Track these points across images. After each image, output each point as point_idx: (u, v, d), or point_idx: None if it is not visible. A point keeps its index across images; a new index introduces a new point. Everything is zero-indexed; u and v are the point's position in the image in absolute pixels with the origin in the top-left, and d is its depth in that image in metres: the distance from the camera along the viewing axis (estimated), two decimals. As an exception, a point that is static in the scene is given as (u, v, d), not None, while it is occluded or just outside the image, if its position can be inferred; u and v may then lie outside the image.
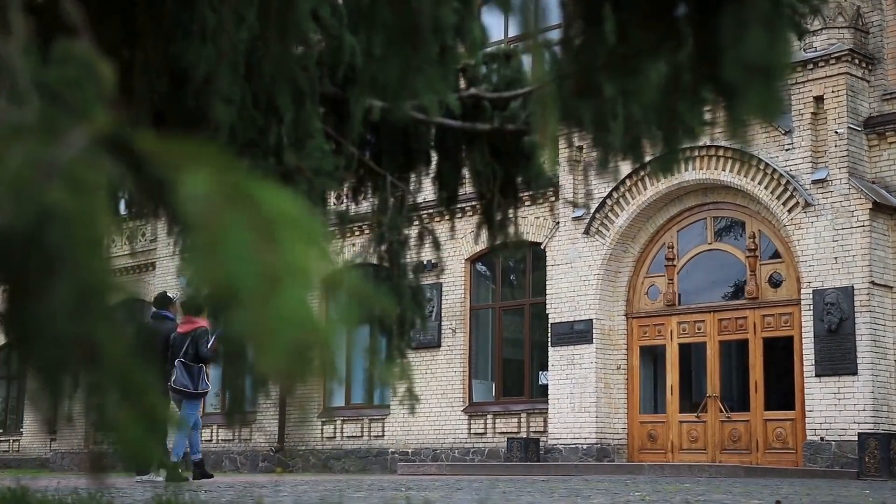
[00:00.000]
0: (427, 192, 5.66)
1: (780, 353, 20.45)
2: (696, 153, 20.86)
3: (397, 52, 2.13)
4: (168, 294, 15.43)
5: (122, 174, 1.09)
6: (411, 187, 5.02)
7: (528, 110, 4.54)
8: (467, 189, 19.50)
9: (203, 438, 28.57)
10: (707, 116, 4.14)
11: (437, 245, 4.97)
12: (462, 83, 4.93)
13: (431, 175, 5.17)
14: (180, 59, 3.12)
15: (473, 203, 23.88)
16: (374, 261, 4.43)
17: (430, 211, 25.07)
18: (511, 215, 4.99)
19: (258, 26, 2.69)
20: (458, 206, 20.99)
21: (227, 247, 1.02)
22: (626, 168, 21.55)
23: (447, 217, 23.14)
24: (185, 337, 14.20)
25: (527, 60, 5.12)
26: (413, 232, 4.91)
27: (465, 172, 5.19)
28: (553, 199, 23.28)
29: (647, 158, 3.41)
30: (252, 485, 11.93)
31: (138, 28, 3.06)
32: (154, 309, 15.01)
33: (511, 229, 4.97)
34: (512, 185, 4.90)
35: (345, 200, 5.01)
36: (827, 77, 19.38)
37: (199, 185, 1.01)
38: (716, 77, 1.97)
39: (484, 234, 4.95)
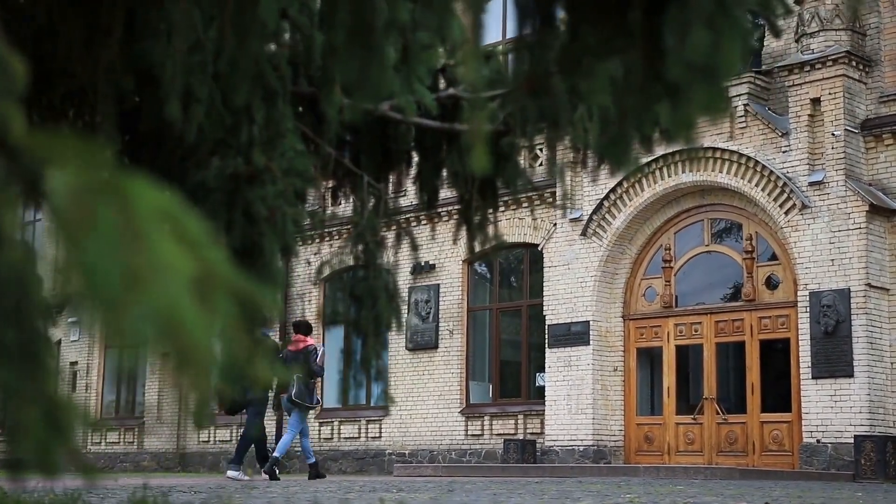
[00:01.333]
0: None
1: (777, 355, 20.43)
2: (693, 155, 20.85)
3: (351, 51, 2.12)
4: (307, 321, 17.15)
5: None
6: (392, 188, 5.00)
7: (464, 112, 4.52)
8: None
9: (201, 439, 28.68)
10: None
11: (414, 247, 4.94)
12: (442, 83, 4.91)
13: (412, 176, 5.15)
14: (144, 58, 3.11)
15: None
16: (351, 261, 4.41)
17: (419, 214, 25.17)
18: (490, 216, 4.97)
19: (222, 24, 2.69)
20: (457, 207, 20.82)
21: (90, 243, 1.01)
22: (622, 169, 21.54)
23: (446, 219, 23.19)
24: (297, 354, 15.86)
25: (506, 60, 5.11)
26: (391, 233, 4.88)
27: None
28: (550, 200, 23.27)
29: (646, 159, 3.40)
30: (222, 486, 11.90)
31: (103, 26, 3.05)
32: (294, 333, 16.63)
33: (490, 231, 4.94)
34: (491, 187, 4.88)
35: (327, 201, 5.00)
36: (824, 79, 19.36)
37: (66, 179, 1.00)
38: (662, 77, 1.96)
39: (463, 236, 4.93)
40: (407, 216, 25.17)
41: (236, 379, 1.40)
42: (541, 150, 23.78)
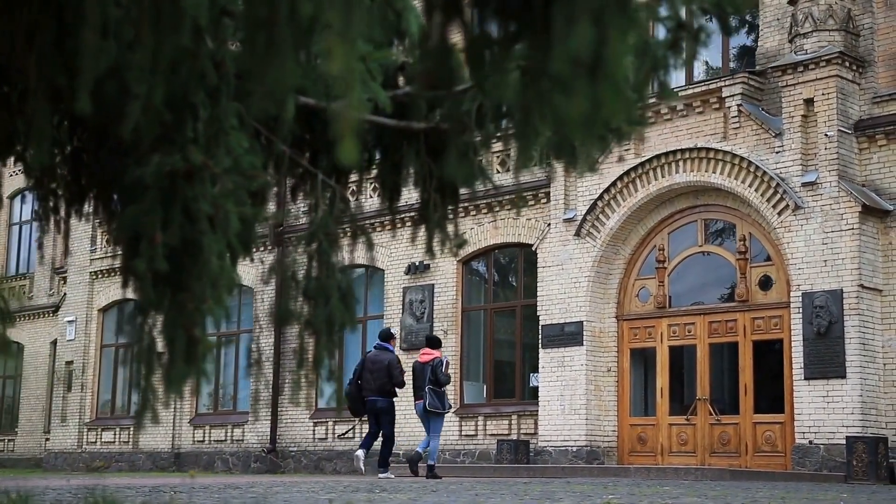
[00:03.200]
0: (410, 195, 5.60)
1: (770, 355, 20.39)
2: (687, 155, 20.85)
3: (252, 46, 2.10)
4: (390, 330, 19.07)
5: None
6: (352, 187, 4.97)
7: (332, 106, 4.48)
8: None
9: (196, 439, 28.69)
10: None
11: (370, 245, 4.91)
12: (402, 81, 4.89)
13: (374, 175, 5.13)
14: (77, 54, 3.09)
15: (466, 205, 23.94)
16: (305, 260, 4.39)
17: (414, 214, 25.11)
18: (450, 215, 4.94)
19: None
20: (450, 207, 20.75)
21: None
22: (616, 170, 21.56)
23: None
24: (426, 367, 17.69)
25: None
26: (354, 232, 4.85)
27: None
28: (545, 201, 23.26)
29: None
30: (160, 487, 11.80)
31: (36, 21, 3.03)
32: (378, 341, 18.27)
33: (451, 229, 4.91)
34: (450, 185, 4.85)
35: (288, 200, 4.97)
36: (817, 80, 19.32)
37: None
38: (547, 72, 1.93)
39: (422, 235, 4.90)
40: (402, 216, 25.19)
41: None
42: (536, 149, 23.74)
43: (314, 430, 26.64)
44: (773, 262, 20.32)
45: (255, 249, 4.63)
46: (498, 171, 24.40)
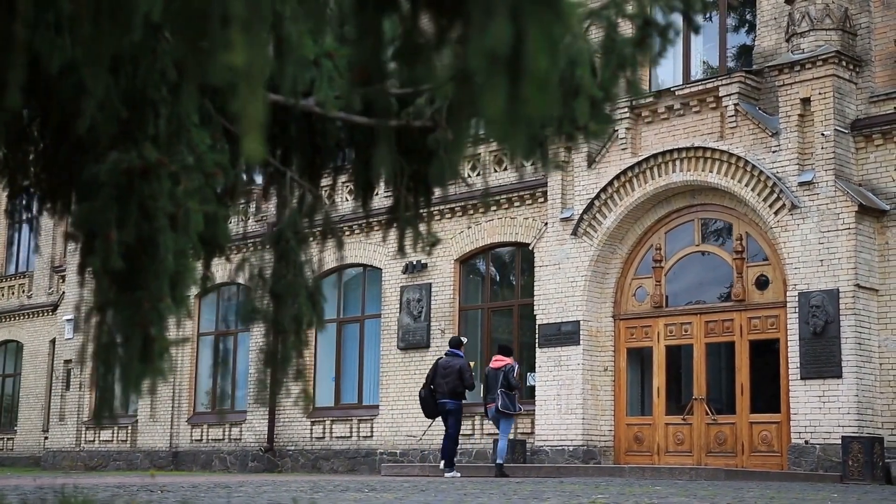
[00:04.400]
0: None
1: (767, 355, 20.35)
2: (684, 154, 20.82)
3: (183, 42, 2.07)
4: (460, 338, 20.10)
5: None
6: (324, 185, 4.94)
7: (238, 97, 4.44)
8: (457, 189, 19.48)
9: (194, 438, 28.68)
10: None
11: (339, 245, 4.89)
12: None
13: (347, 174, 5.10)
14: (34, 50, 3.07)
15: (462, 204, 23.93)
16: (272, 258, 4.37)
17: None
18: (422, 213, 4.91)
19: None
20: (449, 206, 20.92)
21: None
22: (613, 169, 21.52)
23: (438, 218, 23.14)
24: (498, 372, 18.66)
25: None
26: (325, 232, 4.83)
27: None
28: (542, 200, 23.23)
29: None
30: (126, 486, 11.78)
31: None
32: (449, 348, 19.52)
33: (422, 227, 4.89)
34: (422, 183, 4.82)
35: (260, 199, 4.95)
36: (814, 79, 19.28)
37: None
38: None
39: (393, 233, 4.87)
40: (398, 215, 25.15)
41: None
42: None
43: (311, 430, 26.62)
44: (769, 262, 20.28)
45: (230, 247, 4.59)
46: (495, 170, 24.39)
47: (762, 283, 20.39)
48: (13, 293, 37.25)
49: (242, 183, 4.68)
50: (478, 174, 24.58)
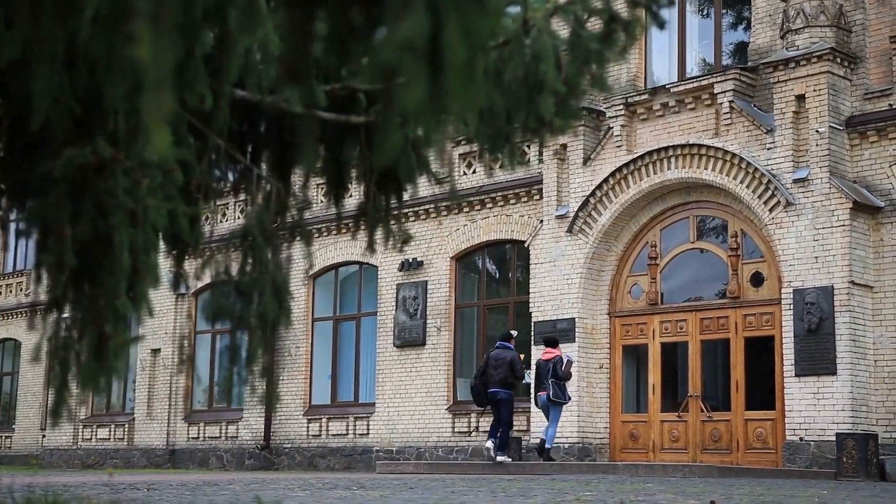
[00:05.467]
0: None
1: (762, 352, 20.32)
2: (679, 152, 20.79)
3: (102, 37, 2.06)
4: (510, 331, 20.70)
5: None
6: (295, 182, 4.92)
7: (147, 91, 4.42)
8: (453, 186, 19.30)
9: (191, 435, 28.68)
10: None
11: (307, 241, 4.87)
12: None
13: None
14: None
15: (460, 201, 23.91)
16: (239, 255, 4.35)
17: (407, 211, 25.15)
18: (393, 210, 4.89)
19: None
20: (445, 204, 20.86)
21: None
22: (608, 166, 21.50)
23: (434, 215, 23.17)
24: (548, 363, 19.56)
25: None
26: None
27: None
28: (537, 197, 23.21)
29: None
30: (86, 483, 11.71)
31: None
32: (499, 341, 20.27)
33: (393, 224, 4.87)
34: (391, 179, 4.80)
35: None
36: (809, 76, 19.25)
37: None
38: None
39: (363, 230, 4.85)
40: (396, 212, 25.12)
41: None
42: (528, 146, 23.74)
43: (308, 427, 26.62)
44: (764, 259, 20.25)
45: (200, 245, 4.57)
46: (491, 168, 24.37)
47: (757, 280, 20.36)
48: (10, 291, 37.25)
49: (213, 180, 4.65)
50: (474, 171, 24.56)
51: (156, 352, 29.61)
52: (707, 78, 20.70)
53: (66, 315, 3.55)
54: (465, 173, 24.65)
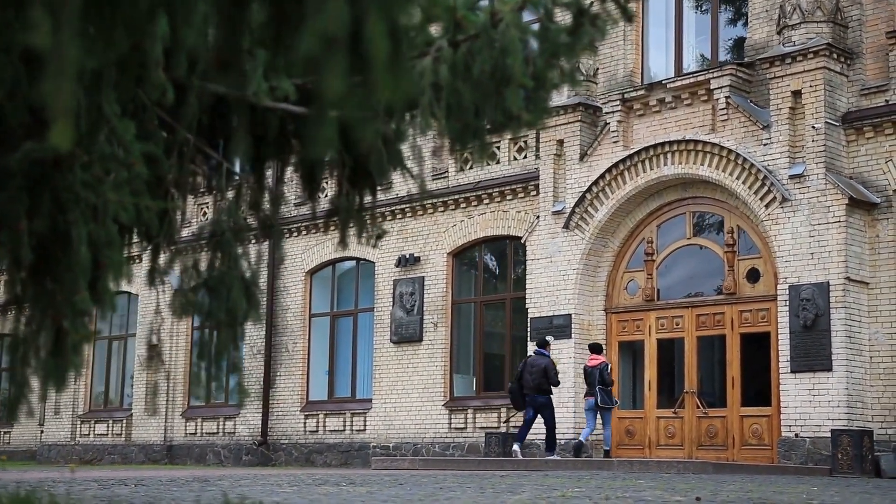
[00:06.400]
0: (400, 188, 5.50)
1: (758, 348, 20.29)
2: (675, 148, 20.76)
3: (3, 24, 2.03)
4: (546, 338, 20.81)
5: None
6: (269, 177, 4.88)
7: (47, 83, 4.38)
8: (450, 183, 19.44)
9: (188, 431, 28.66)
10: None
11: (278, 237, 4.84)
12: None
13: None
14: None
15: (457, 197, 23.88)
16: (209, 250, 4.32)
17: (405, 206, 25.12)
18: (367, 205, 4.85)
19: None
20: (442, 199, 20.80)
21: None
22: (605, 162, 21.47)
23: (431, 211, 23.12)
24: (594, 370, 19.84)
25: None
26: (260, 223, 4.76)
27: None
28: (534, 193, 23.19)
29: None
30: (53, 479, 11.70)
31: None
32: (536, 347, 20.60)
33: (367, 220, 4.83)
34: (364, 174, 4.76)
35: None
36: (805, 71, 19.21)
37: None
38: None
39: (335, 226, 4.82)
40: (393, 208, 25.14)
41: None
42: (525, 142, 23.71)
43: (305, 423, 26.62)
44: (760, 255, 20.22)
45: (177, 241, 4.55)
46: (488, 163, 24.35)
47: (753, 277, 20.33)
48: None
49: (185, 175, 4.61)
50: (470, 167, 24.53)
51: (153, 347, 29.59)
52: (703, 73, 20.66)
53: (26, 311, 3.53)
54: (461, 169, 24.62)
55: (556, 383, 20.16)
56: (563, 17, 4.26)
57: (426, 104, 3.94)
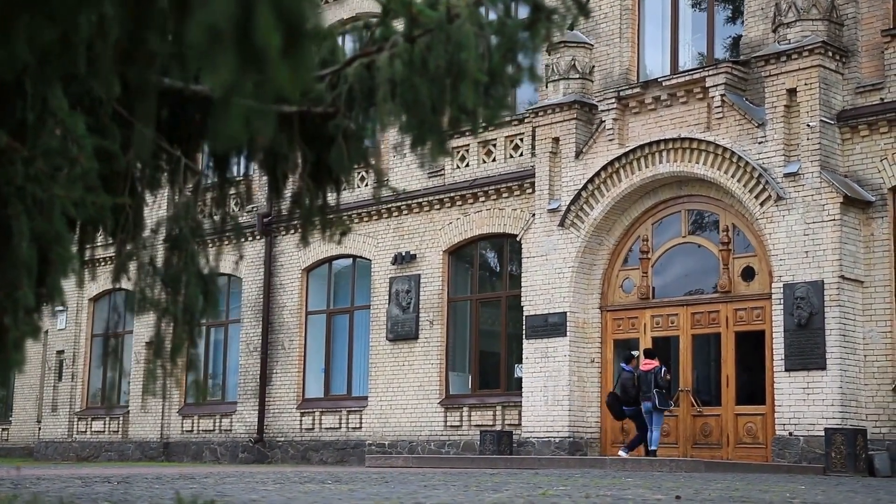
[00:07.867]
0: (399, 185, 5.49)
1: (752, 347, 20.24)
2: (671, 145, 20.70)
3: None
4: (630, 353, 21.11)
5: None
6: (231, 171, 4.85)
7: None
8: (446, 181, 19.43)
9: (185, 429, 28.65)
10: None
11: (239, 233, 4.81)
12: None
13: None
14: None
15: (453, 195, 23.84)
16: (167, 246, 4.29)
17: (401, 204, 25.09)
18: (330, 201, 4.82)
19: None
20: (438, 197, 20.78)
21: None
22: (600, 160, 21.42)
23: (427, 209, 23.12)
24: (648, 374, 19.86)
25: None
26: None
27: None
28: (529, 191, 23.14)
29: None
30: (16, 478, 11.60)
31: None
32: (622, 363, 20.81)
33: (330, 215, 4.80)
34: (325, 170, 4.73)
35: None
36: (800, 69, 19.15)
37: None
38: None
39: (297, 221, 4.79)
40: (389, 206, 25.12)
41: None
42: (521, 139, 23.67)
43: (301, 421, 26.60)
44: (755, 253, 20.17)
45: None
46: (484, 161, 24.33)
47: (748, 275, 20.29)
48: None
49: (144, 170, 4.58)
50: (467, 164, 24.49)
51: (150, 344, 29.57)
52: (699, 71, 20.61)
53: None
54: (458, 167, 24.59)
55: (635, 396, 20.17)
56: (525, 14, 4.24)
57: (381, 99, 3.90)
